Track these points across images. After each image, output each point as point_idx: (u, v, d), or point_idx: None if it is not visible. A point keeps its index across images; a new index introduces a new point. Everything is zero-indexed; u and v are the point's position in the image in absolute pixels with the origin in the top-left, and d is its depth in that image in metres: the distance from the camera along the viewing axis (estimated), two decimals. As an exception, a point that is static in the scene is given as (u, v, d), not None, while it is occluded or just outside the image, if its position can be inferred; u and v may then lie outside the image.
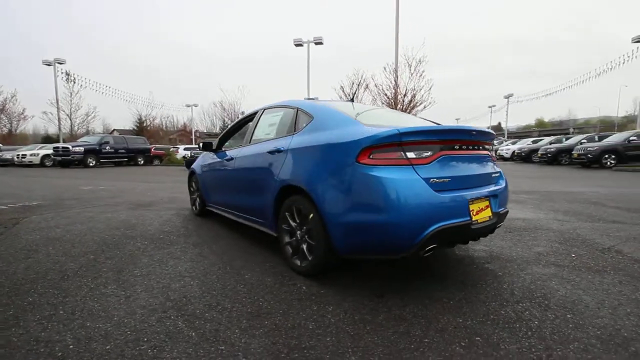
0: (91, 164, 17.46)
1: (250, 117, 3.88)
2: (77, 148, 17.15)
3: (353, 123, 2.39)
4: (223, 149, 4.27)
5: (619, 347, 1.68)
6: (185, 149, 24.61)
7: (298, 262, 2.59)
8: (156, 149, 24.64)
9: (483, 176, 2.45)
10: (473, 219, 2.20)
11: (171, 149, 25.25)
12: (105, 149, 18.45)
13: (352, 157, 2.16)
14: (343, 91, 19.05)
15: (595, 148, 15.27)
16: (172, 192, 7.77)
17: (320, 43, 20.45)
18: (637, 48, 20.14)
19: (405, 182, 2.02)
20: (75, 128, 30.68)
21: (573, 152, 16.56)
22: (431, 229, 2.01)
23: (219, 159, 4.12)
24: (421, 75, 15.10)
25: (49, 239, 3.58)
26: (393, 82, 16.00)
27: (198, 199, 4.78)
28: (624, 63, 21.70)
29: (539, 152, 19.25)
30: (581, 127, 61.98)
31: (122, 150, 19.48)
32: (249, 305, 2.10)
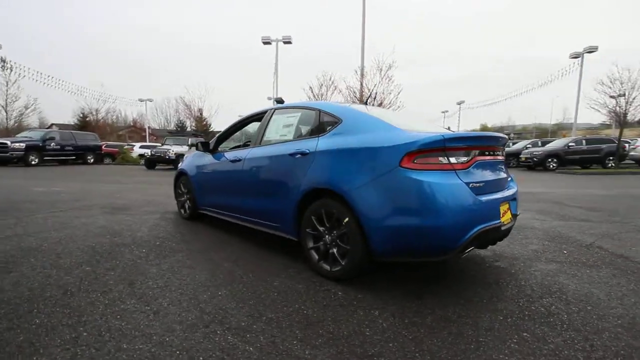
0: (33, 162, 15.62)
1: (255, 118, 3.73)
2: (17, 144, 15.23)
3: (389, 127, 2.41)
4: (220, 150, 4.07)
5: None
6: (142, 147, 23.02)
7: (327, 267, 2.54)
8: (107, 146, 22.75)
9: (503, 180, 2.61)
10: (502, 221, 2.33)
11: (125, 147, 23.45)
12: (50, 145, 16.61)
13: (395, 161, 2.17)
14: (312, 92, 19.07)
15: (540, 152, 16.93)
16: (144, 194, 7.24)
17: (289, 42, 20.27)
18: (574, 63, 22.59)
19: (451, 186, 2.08)
20: (12, 122, 27.10)
21: (520, 155, 18.23)
22: (473, 231, 2.10)
23: (217, 160, 3.92)
24: (390, 79, 15.64)
25: (25, 249, 3.15)
26: (361, 85, 16.38)
27: (188, 202, 4.50)
28: (561, 76, 24.26)
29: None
30: (519, 132, 68.51)
31: (70, 148, 17.68)
32: (294, 314, 2.02)
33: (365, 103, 3.63)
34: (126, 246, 3.31)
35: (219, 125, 31.50)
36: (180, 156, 15.98)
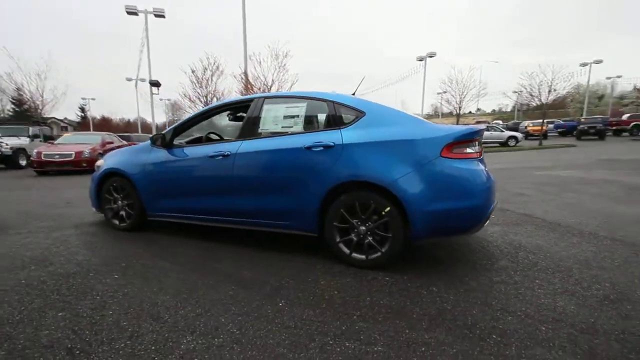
0: None
1: (231, 107, 3.28)
2: None
3: (417, 120, 2.59)
4: (177, 144, 3.41)
5: None
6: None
7: (362, 257, 2.58)
8: None
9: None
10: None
11: None
12: None
13: (436, 152, 2.38)
14: (195, 76, 17.28)
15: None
16: (7, 206, 5.30)
17: (162, 16, 17.57)
18: (419, 65, 27.70)
19: (480, 172, 2.43)
20: None
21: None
22: (491, 207, 2.53)
23: (179, 156, 3.28)
24: (284, 66, 15.60)
25: None
26: (254, 71, 15.81)
27: (128, 209, 3.60)
28: (411, 75, 29.50)
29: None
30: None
31: None
32: (381, 307, 2.01)
33: (354, 94, 3.68)
34: (85, 275, 2.47)
35: (63, 112, 24.95)
36: (19, 151, 12.16)
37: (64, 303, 2.06)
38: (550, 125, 30.29)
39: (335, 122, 2.74)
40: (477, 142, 2.56)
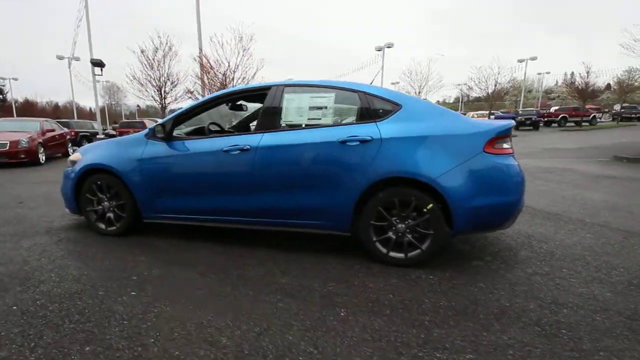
0: None
1: (240, 96, 2.96)
2: None
3: (455, 115, 2.54)
4: (184, 136, 3.02)
5: None
6: None
7: (401, 255, 2.51)
8: None
9: None
10: None
11: None
12: None
13: (480, 147, 2.36)
14: (145, 56, 15.69)
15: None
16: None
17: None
18: (377, 55, 28.14)
19: (517, 167, 2.47)
20: None
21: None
22: (522, 202, 2.60)
23: (183, 151, 2.89)
24: (249, 52, 14.71)
25: None
26: (217, 55, 14.69)
27: (118, 211, 3.13)
28: (369, 65, 29.94)
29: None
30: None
31: None
32: (444, 309, 1.95)
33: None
34: (93, 294, 2.08)
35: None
36: None
37: (85, 333, 1.70)
38: (491, 117, 32.94)
39: (369, 114, 2.59)
40: (510, 138, 2.59)
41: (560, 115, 28.99)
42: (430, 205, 2.40)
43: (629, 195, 4.98)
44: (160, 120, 3.02)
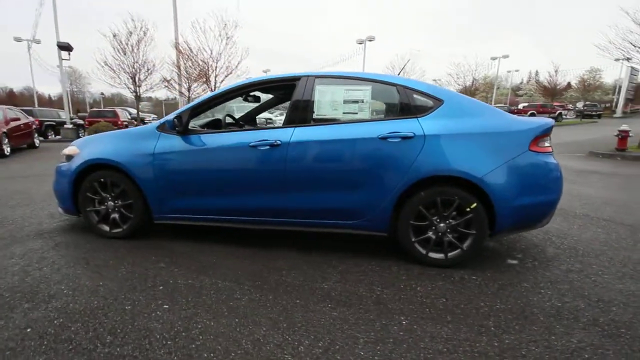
0: None
1: (267, 86, 2.73)
2: None
3: (499, 111, 2.46)
4: (200, 129, 2.76)
5: None
6: None
7: (441, 256, 2.43)
8: None
9: None
10: None
11: None
12: None
13: (525, 145, 2.31)
14: (118, 40, 14.62)
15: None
16: None
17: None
18: (359, 48, 28.02)
19: (558, 165, 2.44)
20: None
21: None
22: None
23: (202, 146, 2.64)
24: (229, 38, 14.06)
25: None
26: (199, 42, 13.92)
27: (124, 211, 2.82)
28: (350, 58, 29.75)
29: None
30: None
31: None
32: (503, 313, 1.89)
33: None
34: (119, 309, 1.83)
35: None
36: None
37: (128, 359, 1.48)
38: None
39: (409, 109, 2.47)
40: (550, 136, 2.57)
41: (529, 112, 30.39)
42: (474, 204, 2.33)
43: (619, 190, 5.23)
44: (175, 112, 2.73)
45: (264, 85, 2.83)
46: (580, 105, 36.13)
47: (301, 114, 2.58)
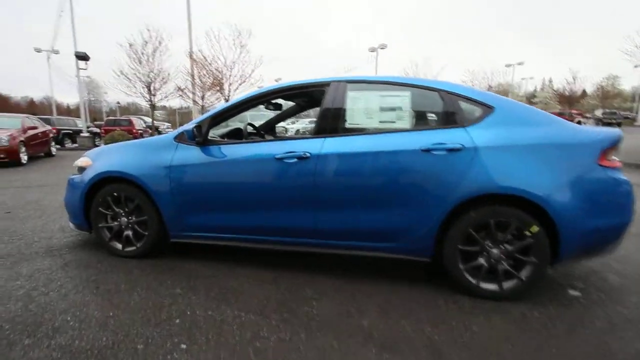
0: None
1: (300, 90, 2.51)
2: None
3: (559, 120, 2.16)
4: (220, 139, 2.55)
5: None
6: None
7: (495, 287, 2.12)
8: None
9: None
10: None
11: None
12: None
13: (593, 159, 2.00)
14: (134, 50, 14.82)
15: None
16: None
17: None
18: (370, 55, 27.90)
19: (629, 183, 2.11)
20: None
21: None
22: None
23: (223, 158, 2.41)
24: (244, 47, 14.06)
25: None
26: (213, 51, 13.96)
27: (138, 228, 2.61)
28: (359, 67, 29.64)
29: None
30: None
31: None
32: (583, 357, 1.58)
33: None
34: (140, 351, 1.58)
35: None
36: None
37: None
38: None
39: (455, 118, 2.19)
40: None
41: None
42: (536, 228, 2.02)
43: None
44: (193, 121, 2.51)
45: (289, 92, 2.59)
46: (599, 113, 35.10)
47: (332, 123, 2.33)
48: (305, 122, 22.72)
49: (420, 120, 2.37)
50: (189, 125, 2.45)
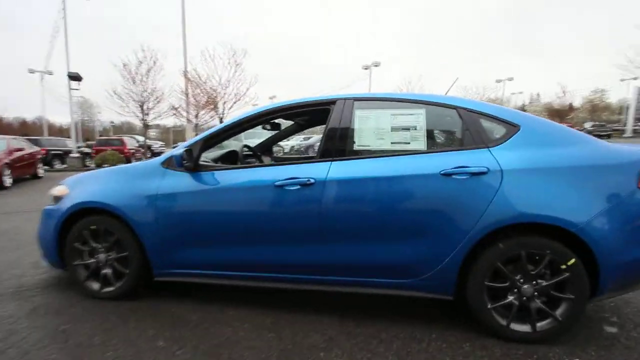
0: None
1: (302, 109, 2.29)
2: None
3: (590, 138, 1.95)
4: (212, 163, 2.29)
5: None
6: None
7: (527, 328, 1.85)
8: None
9: None
10: None
11: None
12: None
13: (632, 182, 1.78)
14: (127, 70, 14.69)
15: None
16: None
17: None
18: (364, 73, 28.21)
19: None
20: None
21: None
22: None
23: (216, 185, 2.15)
24: (239, 65, 14.01)
25: None
26: (207, 69, 13.89)
27: (118, 265, 2.30)
28: (355, 83, 30.00)
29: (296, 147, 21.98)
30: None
31: None
32: None
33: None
34: None
35: None
36: None
37: None
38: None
39: (476, 138, 1.96)
40: None
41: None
42: (573, 260, 1.77)
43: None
44: (184, 144, 2.26)
45: (291, 110, 2.35)
46: (588, 125, 35.67)
47: (339, 144, 2.09)
48: (299, 138, 22.46)
49: (437, 141, 2.14)
50: (178, 149, 2.19)
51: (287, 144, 19.77)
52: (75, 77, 14.01)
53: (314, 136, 20.14)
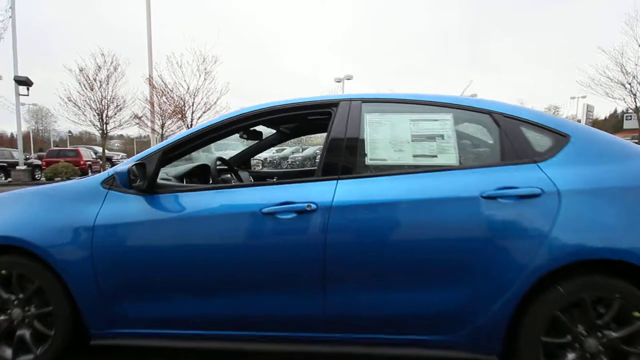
0: None
1: (294, 112, 1.79)
2: None
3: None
4: (176, 183, 1.73)
5: None
6: None
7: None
8: None
9: None
10: None
11: None
12: None
13: None
14: (84, 75, 13.48)
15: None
16: None
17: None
18: (337, 86, 28.21)
19: None
20: None
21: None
22: None
23: (179, 212, 1.59)
24: (208, 73, 13.27)
25: None
26: (175, 77, 13.04)
27: (39, 325, 1.65)
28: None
29: (289, 159, 22.46)
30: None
31: None
32: None
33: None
34: None
35: None
36: None
37: None
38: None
39: (518, 149, 1.56)
40: None
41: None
42: (649, 308, 1.39)
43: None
44: (133, 157, 1.69)
45: (278, 114, 1.84)
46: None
47: (345, 158, 1.61)
48: (272, 150, 22.01)
49: (470, 153, 1.71)
50: (124, 165, 1.60)
51: (260, 155, 19.20)
52: (23, 82, 12.66)
53: (310, 147, 19.55)
